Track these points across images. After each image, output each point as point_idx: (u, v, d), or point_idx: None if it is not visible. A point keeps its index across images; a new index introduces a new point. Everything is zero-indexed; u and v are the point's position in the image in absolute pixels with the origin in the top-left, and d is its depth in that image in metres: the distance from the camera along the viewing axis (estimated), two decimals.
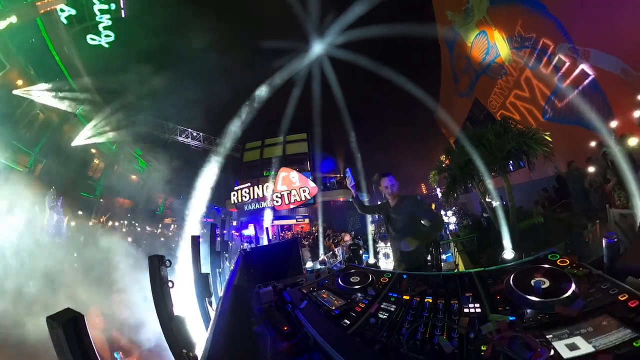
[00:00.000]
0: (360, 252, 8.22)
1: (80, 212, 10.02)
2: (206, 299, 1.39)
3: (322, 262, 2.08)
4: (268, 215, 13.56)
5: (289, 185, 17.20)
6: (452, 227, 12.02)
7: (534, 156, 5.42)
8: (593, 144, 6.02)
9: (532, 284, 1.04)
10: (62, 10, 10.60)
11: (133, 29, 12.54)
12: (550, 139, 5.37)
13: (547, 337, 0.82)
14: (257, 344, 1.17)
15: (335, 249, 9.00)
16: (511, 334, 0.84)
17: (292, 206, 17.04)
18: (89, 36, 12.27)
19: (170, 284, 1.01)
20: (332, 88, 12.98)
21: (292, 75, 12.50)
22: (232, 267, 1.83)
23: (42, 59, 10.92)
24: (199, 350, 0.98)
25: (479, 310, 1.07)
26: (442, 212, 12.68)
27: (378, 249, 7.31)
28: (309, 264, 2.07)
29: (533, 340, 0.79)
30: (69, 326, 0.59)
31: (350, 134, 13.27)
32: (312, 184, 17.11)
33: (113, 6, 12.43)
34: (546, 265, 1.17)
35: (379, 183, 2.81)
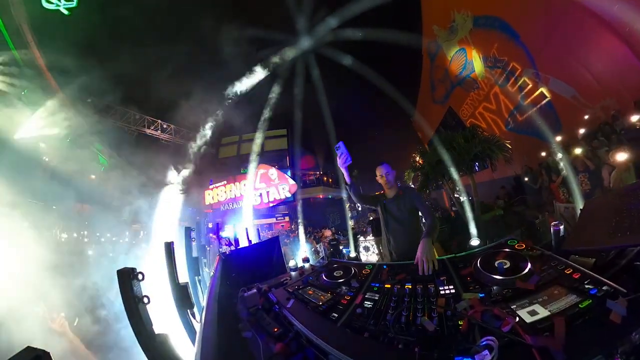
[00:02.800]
0: (341, 247, 8.37)
1: (25, 224, 8.58)
2: (188, 310, 1.31)
3: (305, 260, 1.96)
4: (247, 215, 13.04)
5: (268, 182, 16.68)
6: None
7: (496, 159, 6.29)
8: (544, 153, 7.29)
9: (496, 265, 1.20)
10: None
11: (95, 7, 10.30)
12: (510, 146, 6.35)
13: (512, 307, 0.95)
14: (249, 349, 1.14)
15: (317, 245, 9.06)
16: (482, 308, 0.95)
17: (271, 204, 16.55)
18: (45, 3, 9.80)
19: (145, 300, 0.92)
20: (315, 85, 12.85)
21: (275, 69, 12.05)
22: (212, 273, 1.75)
23: None
24: None
25: (453, 291, 1.20)
26: None
27: (358, 243, 7.53)
28: (292, 263, 2.07)
29: (501, 312, 0.91)
30: None
31: (330, 132, 13.18)
32: (291, 181, 16.75)
33: None
34: (507, 250, 1.36)
35: (376, 172, 2.69)
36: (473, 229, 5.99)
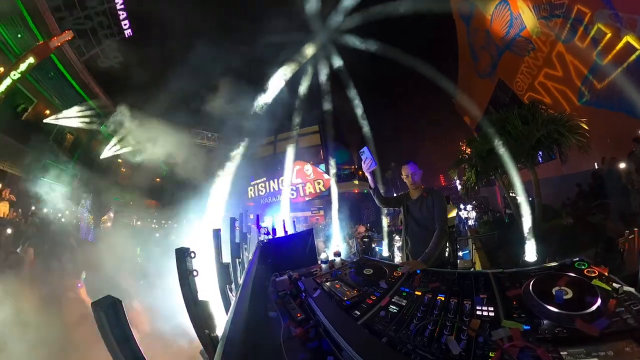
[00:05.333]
0: (374, 244, 7.99)
1: (111, 215, 11.42)
2: (227, 285, 1.45)
3: (337, 254, 1.96)
4: (284, 208, 13.71)
5: (304, 178, 17.17)
6: (471, 222, 11.05)
7: (566, 146, 4.63)
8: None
9: (554, 292, 0.94)
10: (71, 44, 11.47)
11: (139, 46, 13.43)
12: (586, 127, 4.59)
13: (562, 353, 0.73)
14: (271, 328, 1.21)
15: (350, 241, 8.95)
16: (523, 344, 0.77)
17: (307, 198, 17.03)
18: (99, 60, 13.46)
19: (195, 273, 1.07)
20: (342, 77, 12.35)
21: (300, 67, 12.07)
22: (250, 257, 1.91)
23: (63, 88, 12.11)
24: (220, 331, 1.04)
25: (492, 314, 1.00)
26: (461, 206, 11.67)
27: (393, 242, 7.08)
28: (323, 255, 2.08)
29: (545, 355, 0.71)
30: (109, 310, 0.65)
31: (363, 124, 12.62)
32: (326, 176, 16.88)
33: (116, 30, 13.44)
34: (572, 274, 1.05)
35: (401, 172, 2.50)
36: (530, 241, 4.68)
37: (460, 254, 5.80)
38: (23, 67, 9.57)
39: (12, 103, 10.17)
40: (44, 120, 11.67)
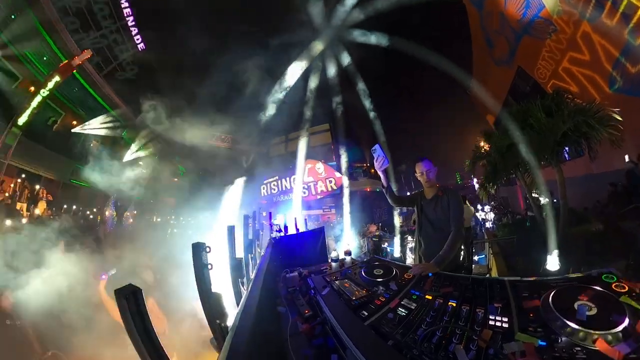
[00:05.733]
0: (385, 244, 7.79)
1: (134, 212, 12.53)
2: (239, 279, 1.50)
3: (347, 253, 1.93)
4: (296, 206, 13.85)
5: (315, 176, 17.18)
6: (488, 224, 10.44)
7: (596, 141, 4.09)
8: None
9: (576, 307, 0.86)
10: (91, 61, 12.98)
11: (153, 58, 15.02)
12: (619, 118, 4.02)
13: None
14: (279, 322, 1.24)
15: (361, 240, 8.84)
16: None
17: (319, 197, 17.05)
18: (117, 74, 15.02)
19: (209, 267, 1.12)
20: (352, 74, 11.98)
21: (309, 66, 11.91)
22: (262, 253, 1.95)
23: (87, 101, 13.77)
24: (230, 322, 1.08)
25: (505, 325, 0.94)
26: (479, 207, 11.02)
27: (405, 243, 6.85)
28: (333, 253, 2.08)
29: None
30: (130, 298, 0.70)
31: (374, 121, 12.17)
32: (337, 174, 16.80)
33: (130, 45, 14.77)
34: (598, 287, 0.96)
35: (414, 169, 2.38)
36: (553, 246, 4.23)
37: (475, 258, 5.49)
38: (50, 85, 10.92)
39: (43, 117, 11.57)
40: (72, 130, 13.35)
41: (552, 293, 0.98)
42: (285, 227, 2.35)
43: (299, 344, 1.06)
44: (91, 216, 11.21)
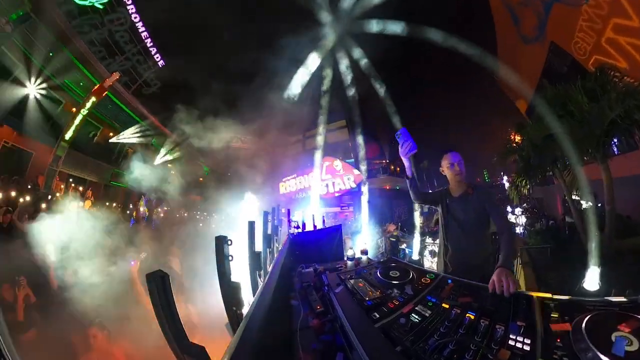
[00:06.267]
0: (404, 245, 7.43)
1: (165, 208, 14.14)
2: (257, 271, 1.57)
3: (364, 252, 1.87)
4: (314, 203, 13.91)
5: (333, 173, 16.97)
6: (519, 230, 9.32)
7: None
8: None
9: (613, 338, 0.74)
10: (119, 81, 15.10)
11: (174, 73, 16.56)
12: None
13: None
14: (291, 314, 1.27)
15: (378, 239, 8.62)
16: None
17: (336, 194, 16.84)
18: (144, 89, 17.33)
19: (230, 258, 1.20)
20: (367, 67, 11.37)
21: (322, 61, 11.61)
22: (280, 248, 2.01)
23: (120, 115, 16.12)
24: (245, 310, 1.14)
25: (527, 347, 0.85)
26: (509, 209, 9.87)
27: (424, 245, 6.40)
28: (349, 252, 2.06)
29: None
30: (158, 282, 0.77)
31: (392, 116, 11.38)
32: (356, 172, 16.36)
33: (151, 63, 16.85)
34: None
35: (441, 164, 2.09)
36: (594, 261, 3.54)
37: None
38: (88, 105, 13.15)
39: (85, 131, 14.02)
40: (109, 140, 16.06)
41: (587, 318, 0.86)
42: (303, 224, 2.38)
43: (308, 338, 1.08)
44: (127, 212, 12.99)
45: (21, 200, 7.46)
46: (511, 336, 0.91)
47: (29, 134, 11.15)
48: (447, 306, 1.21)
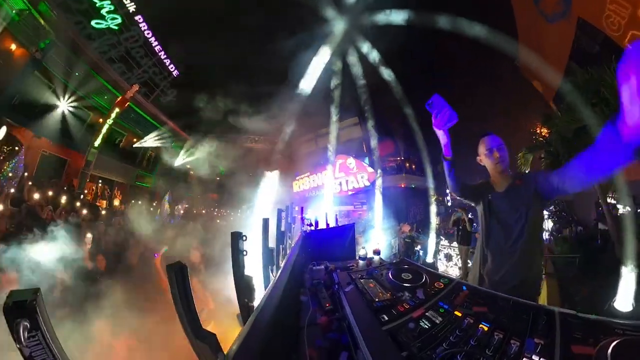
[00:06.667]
0: (418, 247, 7.16)
1: (186, 205, 15.48)
2: (269, 266, 1.61)
3: (376, 252, 1.82)
4: (327, 201, 13.84)
5: (347, 171, 16.73)
6: (545, 235, 8.43)
7: None
8: None
9: None
10: (139, 92, 16.58)
11: (188, 80, 18.63)
12: None
13: None
14: (300, 310, 1.30)
15: (392, 240, 8.40)
16: None
17: (350, 193, 16.60)
18: (161, 98, 18.83)
19: (244, 253, 1.25)
20: (375, 59, 10.93)
21: (330, 56, 11.23)
22: (292, 245, 2.05)
23: (141, 122, 17.76)
24: (256, 303, 1.18)
25: None
26: None
27: (439, 248, 6.17)
28: (362, 251, 2.05)
29: None
30: (177, 272, 0.81)
31: (406, 110, 10.65)
32: (370, 170, 16.08)
33: (166, 74, 18.31)
34: None
35: (478, 151, 1.67)
36: (629, 277, 3.07)
37: None
38: (113, 115, 15.09)
39: (111, 138, 15.99)
40: (133, 145, 17.82)
41: (615, 343, 0.77)
42: (316, 222, 2.40)
43: (314, 334, 1.10)
44: (151, 209, 14.28)
45: (61, 200, 8.38)
46: (526, 354, 0.85)
47: (63, 143, 13.01)
48: (459, 314, 1.16)
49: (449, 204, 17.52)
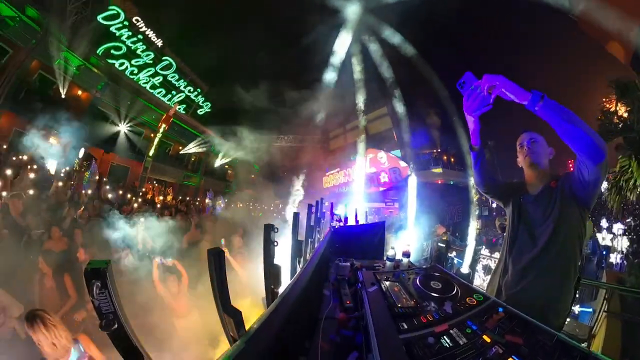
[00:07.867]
0: (453, 253, 6.24)
1: (225, 200, 16.61)
2: (297, 258, 1.70)
3: (405, 254, 1.69)
4: (357, 197, 13.26)
5: (378, 166, 15.67)
6: (614, 257, 6.59)
7: None
8: None
9: None
10: (179, 110, 20.11)
11: (217, 93, 21.14)
12: None
13: None
14: (320, 302, 1.34)
15: (424, 242, 7.64)
16: None
17: (381, 189, 15.59)
18: (198, 110, 22.05)
19: (275, 243, 1.34)
20: (397, 44, 9.73)
21: (354, 45, 10.13)
22: (321, 239, 2.09)
23: (184, 133, 21.57)
24: (281, 290, 1.27)
25: None
26: (604, 222, 7.52)
27: (478, 257, 5.31)
28: (390, 252, 1.97)
29: None
30: (215, 257, 0.92)
31: (442, 94, 9.37)
32: (403, 164, 14.74)
33: (198, 90, 21.11)
34: None
35: (517, 146, 1.47)
36: None
37: (576, 309, 3.65)
38: (161, 130, 19.08)
39: (161, 148, 19.99)
40: (180, 152, 22.01)
41: None
42: (345, 218, 2.39)
43: (330, 328, 1.13)
44: (196, 203, 16.65)
45: (131, 198, 11.23)
46: None
47: (126, 155, 17.49)
48: (488, 339, 1.04)
49: (494, 205, 14.85)
